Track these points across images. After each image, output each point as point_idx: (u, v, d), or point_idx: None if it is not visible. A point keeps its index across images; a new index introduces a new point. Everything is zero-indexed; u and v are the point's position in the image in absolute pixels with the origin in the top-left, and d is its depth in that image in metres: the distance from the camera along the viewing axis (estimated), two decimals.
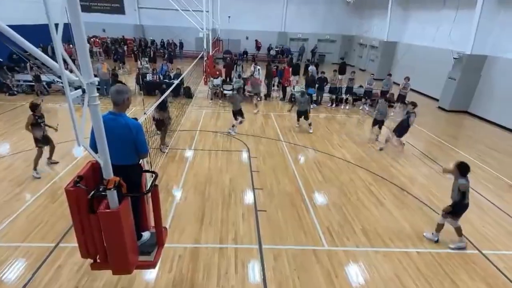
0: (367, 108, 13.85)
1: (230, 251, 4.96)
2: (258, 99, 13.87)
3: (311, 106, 13.63)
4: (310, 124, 10.54)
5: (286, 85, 14.63)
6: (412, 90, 15.01)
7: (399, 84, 14.29)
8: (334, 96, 14.02)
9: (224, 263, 4.69)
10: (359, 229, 5.71)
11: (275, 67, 15.94)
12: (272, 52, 26.73)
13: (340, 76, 14.47)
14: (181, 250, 4.88)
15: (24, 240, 4.93)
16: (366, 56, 24.86)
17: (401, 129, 8.91)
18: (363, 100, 14.00)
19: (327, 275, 4.59)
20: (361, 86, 14.33)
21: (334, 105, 14.07)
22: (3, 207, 5.73)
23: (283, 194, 6.72)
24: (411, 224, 5.92)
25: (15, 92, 13.02)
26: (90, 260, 2.95)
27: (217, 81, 14.17)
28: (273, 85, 15.36)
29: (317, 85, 13.74)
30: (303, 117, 10.48)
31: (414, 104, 8.84)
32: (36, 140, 6.76)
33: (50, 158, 7.32)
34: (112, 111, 2.99)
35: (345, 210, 6.25)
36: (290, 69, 15.28)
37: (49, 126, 6.98)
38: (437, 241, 5.38)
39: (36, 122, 6.64)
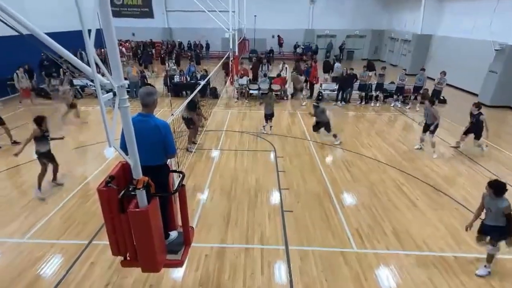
0: (399, 105, 13.30)
1: (256, 251, 4.95)
2: (302, 95, 14.17)
3: (340, 104, 13.36)
4: (334, 136, 9.23)
5: (314, 82, 14.41)
6: (448, 85, 14.20)
7: (433, 79, 13.57)
8: (363, 94, 13.56)
9: (250, 264, 4.69)
10: (390, 231, 5.48)
11: (306, 65, 15.72)
12: (299, 50, 26.43)
13: (370, 73, 13.98)
14: (207, 250, 4.94)
15: (60, 238, 5.20)
16: (398, 51, 23.90)
17: (477, 130, 8.51)
18: (395, 96, 13.43)
19: (356, 278, 4.46)
20: (392, 82, 13.78)
21: (363, 102, 13.63)
22: (39, 206, 6.07)
23: (310, 194, 6.61)
24: (446, 226, 5.61)
25: (52, 96, 13.77)
26: (120, 258, 3.05)
27: (243, 81, 14.22)
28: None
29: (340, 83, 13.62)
30: (323, 128, 9.24)
31: (477, 106, 8.38)
32: (40, 155, 6.33)
33: (54, 179, 6.78)
34: (141, 112, 3.05)
35: (375, 211, 6.04)
36: (317, 66, 15.01)
37: (55, 139, 6.71)
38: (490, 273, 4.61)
39: (43, 135, 6.27)
